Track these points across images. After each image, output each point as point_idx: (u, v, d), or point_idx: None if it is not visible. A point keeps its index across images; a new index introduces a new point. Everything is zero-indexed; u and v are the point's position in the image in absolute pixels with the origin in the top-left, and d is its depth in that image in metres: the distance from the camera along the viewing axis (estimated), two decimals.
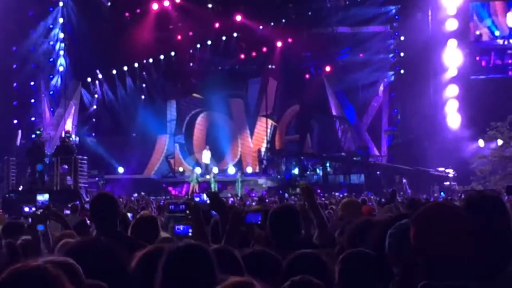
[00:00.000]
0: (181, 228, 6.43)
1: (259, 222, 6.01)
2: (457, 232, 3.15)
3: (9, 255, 5.71)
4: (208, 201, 6.30)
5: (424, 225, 3.20)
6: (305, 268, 4.63)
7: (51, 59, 38.48)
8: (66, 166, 26.48)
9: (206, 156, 38.42)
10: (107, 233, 5.81)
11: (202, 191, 26.17)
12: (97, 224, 6.23)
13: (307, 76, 41.72)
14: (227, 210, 6.44)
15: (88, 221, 11.62)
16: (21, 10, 34.48)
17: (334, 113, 41.29)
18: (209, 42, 40.65)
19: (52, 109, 38.23)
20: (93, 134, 39.76)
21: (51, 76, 38.71)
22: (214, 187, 33.95)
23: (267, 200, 22.29)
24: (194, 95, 41.80)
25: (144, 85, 42.10)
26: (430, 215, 3.21)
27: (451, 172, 32.93)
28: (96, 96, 41.41)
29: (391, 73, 39.30)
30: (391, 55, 39.11)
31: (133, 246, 4.91)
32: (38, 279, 2.73)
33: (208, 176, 36.36)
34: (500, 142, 31.28)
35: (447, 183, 32.32)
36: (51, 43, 38.54)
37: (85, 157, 29.49)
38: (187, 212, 6.42)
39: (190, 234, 6.22)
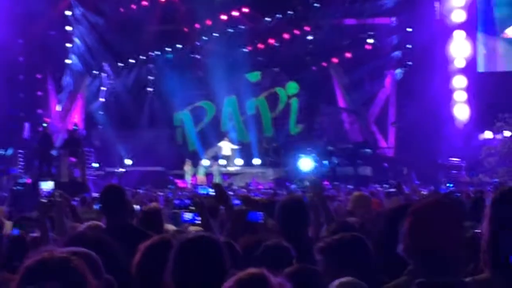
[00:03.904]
0: (188, 217, 6.47)
1: (260, 221, 6.04)
2: (453, 229, 3.09)
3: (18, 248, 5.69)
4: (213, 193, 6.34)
5: (420, 220, 3.13)
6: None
7: (58, 52, 38.32)
8: (73, 159, 26.55)
9: (226, 147, 36.90)
10: (117, 225, 5.81)
11: (210, 183, 26.15)
12: (106, 216, 6.22)
13: (313, 68, 41.65)
14: (230, 203, 6.49)
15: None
16: (28, 3, 34.33)
17: (341, 104, 41.26)
18: (215, 35, 40.60)
19: (59, 102, 38.21)
20: (100, 127, 39.70)
21: (58, 69, 38.63)
22: (218, 179, 32.70)
23: (278, 192, 21.84)
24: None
25: (150, 77, 42.19)
26: (427, 211, 3.15)
27: (456, 160, 32.86)
28: (103, 88, 41.43)
29: (399, 67, 39.18)
30: (397, 52, 38.94)
31: (143, 237, 4.90)
32: (62, 268, 2.75)
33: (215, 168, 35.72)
34: (507, 133, 31.21)
35: (455, 171, 32.23)
36: (58, 35, 38.36)
37: (92, 150, 29.49)
38: (192, 208, 6.46)
39: (197, 222, 6.27)
